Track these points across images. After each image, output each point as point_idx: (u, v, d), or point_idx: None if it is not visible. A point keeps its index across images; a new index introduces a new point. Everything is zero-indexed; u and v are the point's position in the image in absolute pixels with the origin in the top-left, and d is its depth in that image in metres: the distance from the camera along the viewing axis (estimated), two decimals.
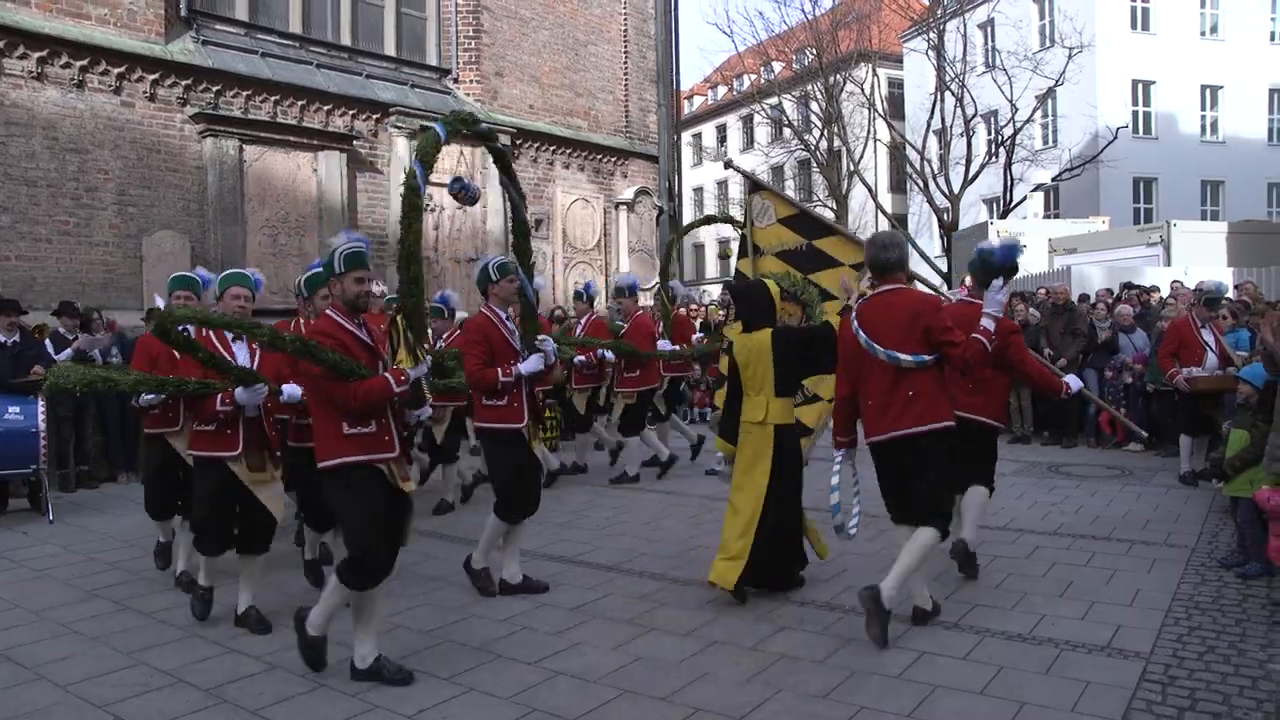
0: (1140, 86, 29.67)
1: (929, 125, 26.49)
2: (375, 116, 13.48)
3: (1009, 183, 25.65)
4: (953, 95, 25.89)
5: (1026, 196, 25.86)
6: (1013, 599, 5.20)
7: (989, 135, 28.08)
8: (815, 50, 28.23)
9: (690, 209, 43.18)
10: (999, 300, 4.78)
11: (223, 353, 4.93)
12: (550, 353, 5.63)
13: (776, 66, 32.52)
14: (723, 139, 45.99)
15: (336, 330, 4.24)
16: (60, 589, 5.91)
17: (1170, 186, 29.36)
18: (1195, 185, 30.04)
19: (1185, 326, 8.47)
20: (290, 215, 12.46)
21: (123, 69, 10.97)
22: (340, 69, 13.49)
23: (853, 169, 28.18)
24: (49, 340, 8.81)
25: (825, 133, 28.75)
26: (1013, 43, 26.80)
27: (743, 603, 5.19)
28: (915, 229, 31.29)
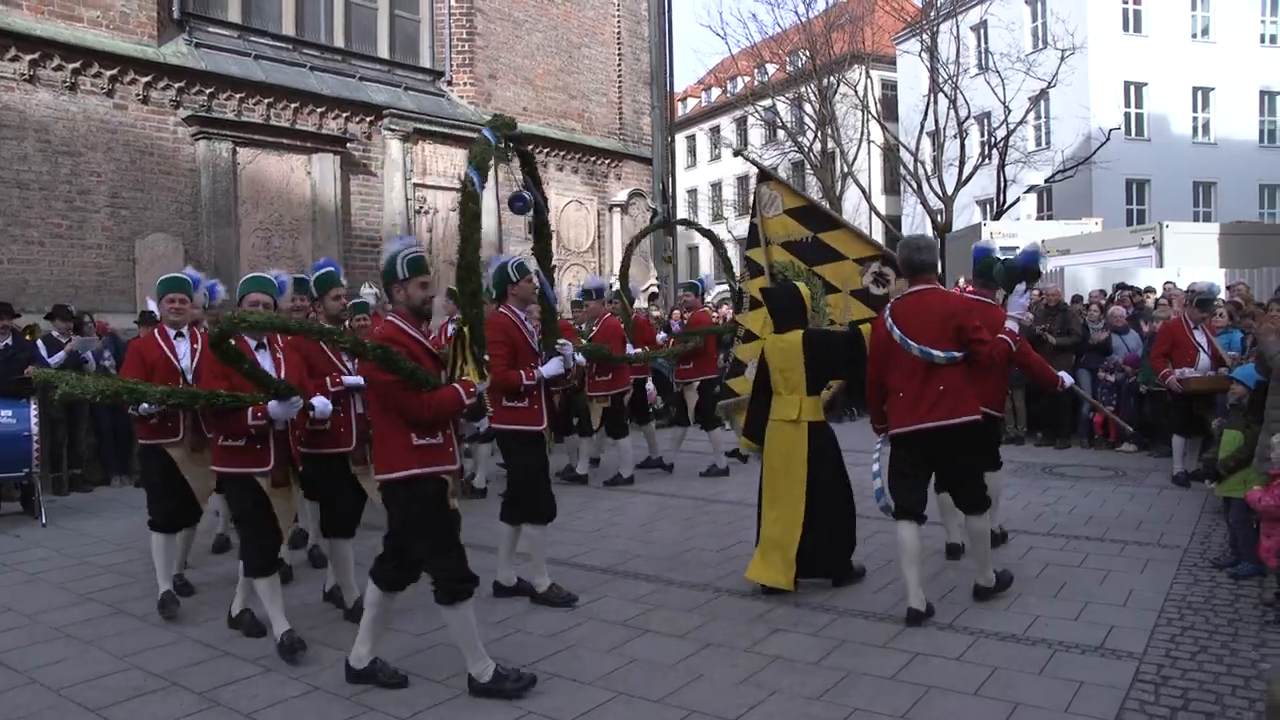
0: (1132, 88, 29.78)
1: (922, 127, 26.55)
2: (369, 119, 13.47)
3: (1002, 184, 25.71)
4: (946, 97, 25.95)
5: (1020, 198, 25.93)
6: (1006, 600, 5.20)
7: (982, 137, 28.15)
8: (809, 52, 28.27)
9: (684, 211, 43.24)
10: (1022, 304, 5.22)
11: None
12: (569, 356, 5.58)
13: (770, 68, 32.56)
14: (717, 141, 46.02)
15: (404, 337, 4.08)
16: (53, 592, 5.89)
17: (1162, 188, 29.48)
18: (1187, 187, 30.16)
19: (1178, 327, 8.48)
20: (284, 218, 12.44)
21: (115, 71, 10.94)
22: (334, 71, 13.47)
23: (846, 171, 28.23)
24: (41, 342, 8.78)
25: (819, 134, 28.79)
26: (1005, 44, 26.86)
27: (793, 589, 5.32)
28: (909, 230, 31.20)
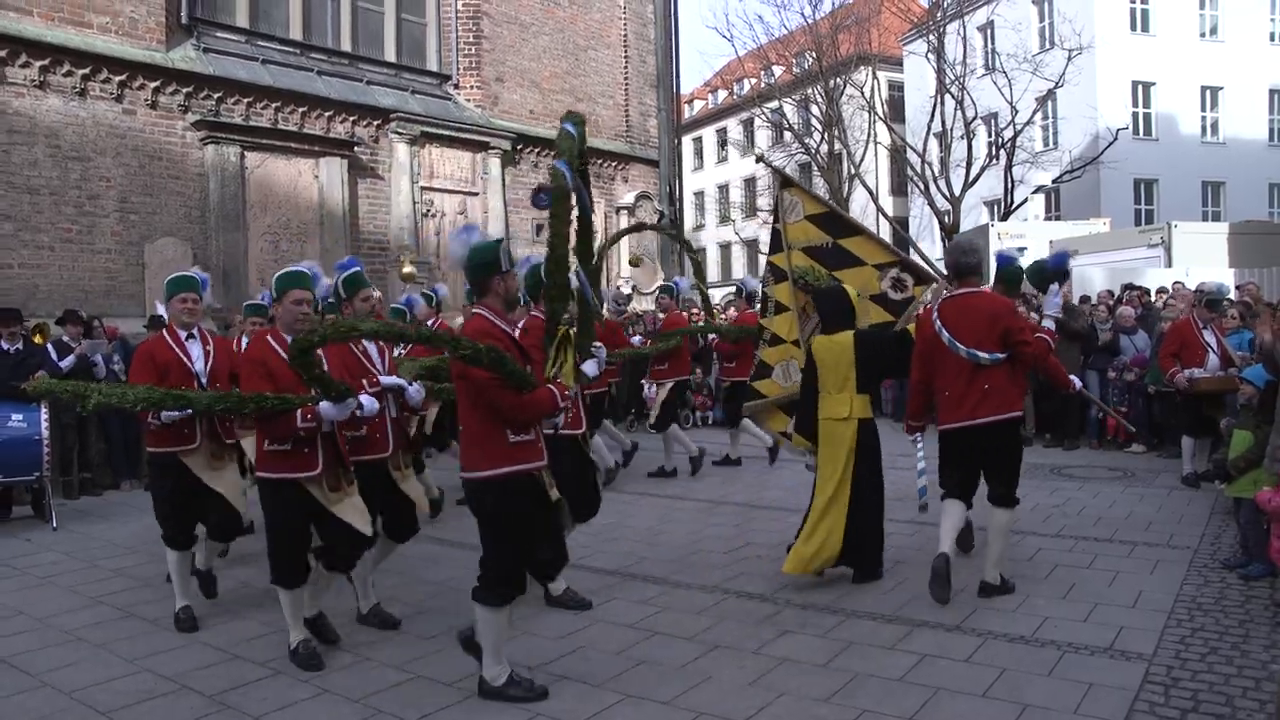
0: (1140, 88, 29.67)
1: (929, 128, 26.48)
2: (376, 122, 13.51)
3: (1010, 185, 25.64)
4: (953, 98, 25.88)
5: (1027, 198, 25.86)
6: (1015, 601, 5.19)
7: (989, 137, 28.08)
8: (815, 54, 28.25)
9: (691, 213, 43.29)
10: (1056, 303, 5.57)
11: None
12: (602, 359, 5.58)
13: (776, 70, 32.56)
14: (723, 143, 46.04)
15: (497, 330, 4.02)
16: (64, 596, 5.92)
17: (1171, 188, 29.35)
18: (1196, 186, 30.02)
19: (1186, 327, 8.46)
20: (292, 222, 12.49)
21: (124, 77, 11.01)
22: (341, 75, 13.53)
23: (853, 172, 28.18)
24: (51, 346, 8.81)
25: (825, 136, 28.77)
26: (1012, 45, 26.79)
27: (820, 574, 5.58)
28: (916, 232, 31.29)
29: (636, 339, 10.26)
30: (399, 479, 5.15)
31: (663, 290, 10.73)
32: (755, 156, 7.53)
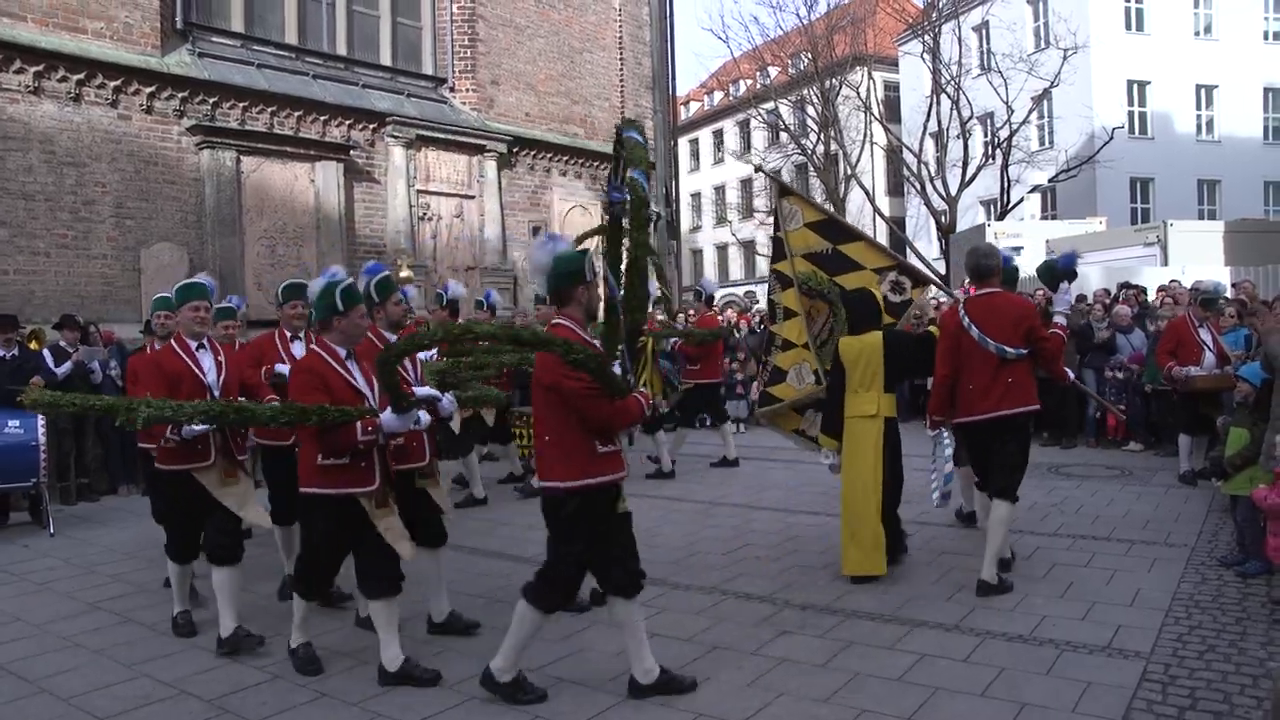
0: (1135, 87, 29.73)
1: (925, 128, 26.54)
2: (372, 126, 13.51)
3: (1006, 184, 25.68)
4: (948, 98, 25.93)
5: (1023, 198, 25.89)
6: (1013, 600, 5.20)
7: (985, 137, 28.13)
8: (811, 54, 28.29)
9: (688, 215, 43.31)
10: (1067, 300, 5.89)
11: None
12: (627, 367, 5.54)
13: (772, 71, 32.60)
14: (719, 144, 46.08)
15: (584, 342, 3.92)
16: (61, 602, 5.92)
17: (1167, 186, 29.41)
18: (1192, 185, 30.08)
19: (1183, 326, 8.48)
20: (288, 226, 12.49)
21: (119, 82, 11.00)
22: (336, 79, 13.53)
23: (850, 173, 28.22)
24: (48, 352, 8.81)
25: (822, 137, 28.80)
26: (1007, 45, 26.85)
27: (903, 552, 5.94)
28: (913, 232, 31.32)
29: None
30: (430, 486, 5.03)
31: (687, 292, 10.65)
32: (754, 166, 7.61)
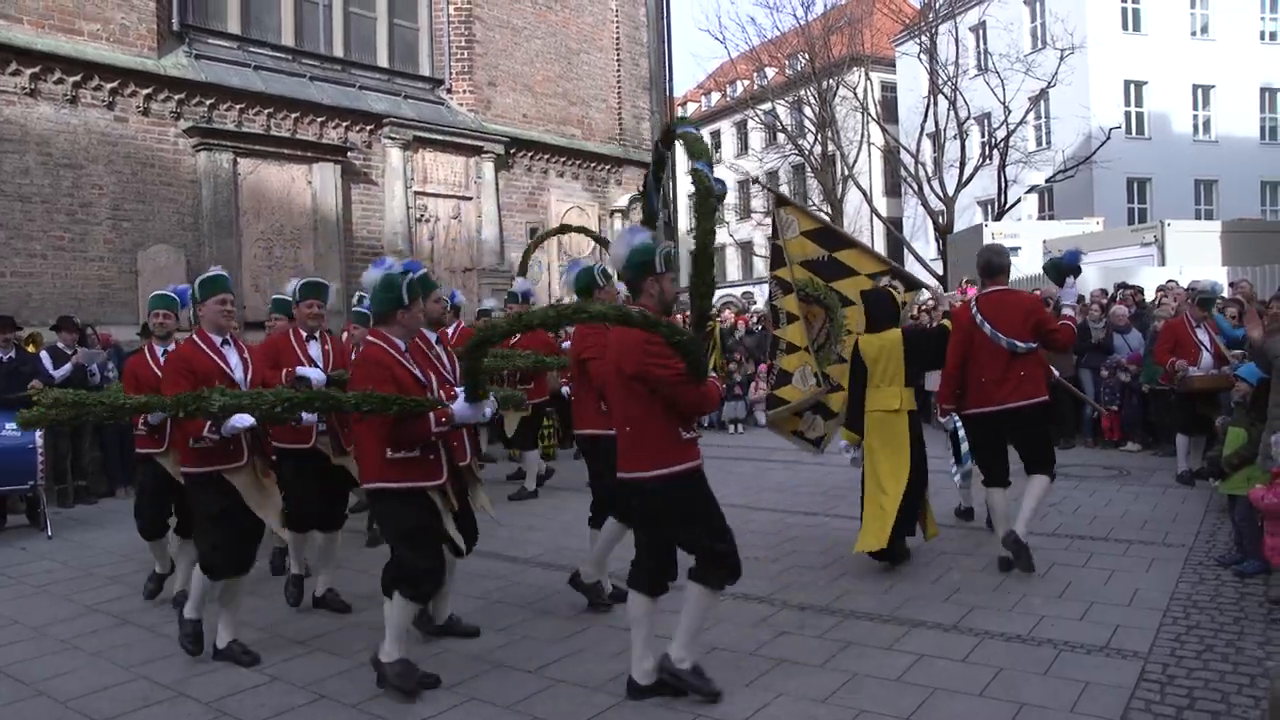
0: (1132, 87, 29.77)
1: (922, 128, 26.55)
2: (369, 128, 13.50)
3: (1003, 185, 25.69)
4: (946, 98, 25.95)
5: (1021, 198, 25.90)
6: (1011, 600, 5.21)
7: (982, 138, 28.13)
8: (808, 55, 28.30)
9: (686, 216, 43.26)
10: (1074, 293, 6.13)
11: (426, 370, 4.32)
12: None
13: (769, 72, 32.61)
14: (717, 145, 46.07)
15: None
16: (59, 604, 5.91)
17: (1164, 186, 29.45)
18: (1189, 185, 30.13)
19: (1180, 326, 8.49)
20: (285, 228, 12.48)
21: (116, 84, 10.99)
22: (333, 81, 13.52)
23: (847, 173, 28.23)
24: (46, 354, 8.80)
25: (819, 137, 28.80)
26: (1004, 45, 26.85)
27: (905, 558, 5.97)
28: (910, 232, 31.31)
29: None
30: (469, 485, 4.90)
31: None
32: (753, 179, 7.74)
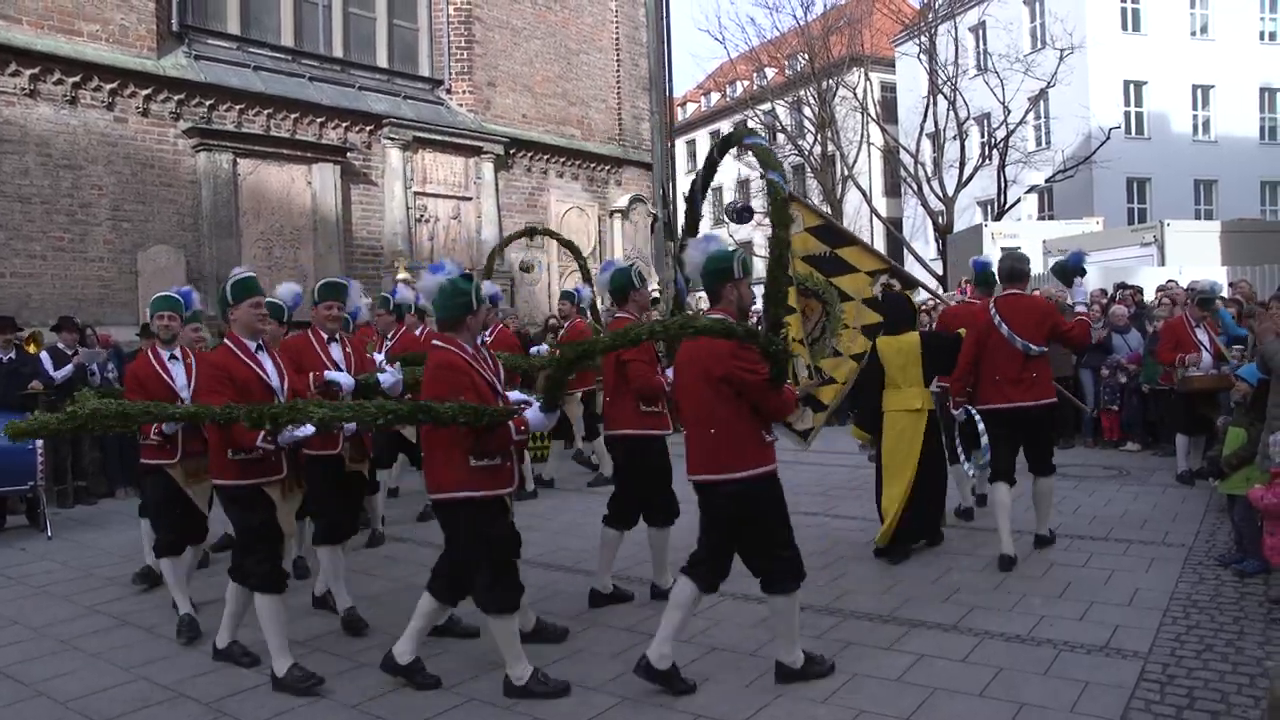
0: (1132, 87, 29.77)
1: (922, 129, 26.56)
2: (369, 128, 13.50)
3: (1003, 185, 25.69)
4: (945, 98, 25.94)
5: (1020, 198, 25.90)
6: (1011, 600, 5.21)
7: (982, 138, 28.13)
8: (807, 55, 28.31)
9: (686, 215, 43.23)
10: (1083, 293, 6.46)
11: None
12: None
13: (769, 72, 32.60)
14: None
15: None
16: (59, 605, 5.91)
17: (1163, 186, 29.45)
18: (1188, 185, 30.12)
19: (1180, 326, 8.49)
20: (285, 228, 12.48)
21: (115, 84, 10.99)
22: (333, 81, 13.52)
23: (847, 173, 28.22)
24: (46, 354, 8.80)
25: (819, 138, 28.80)
26: (1004, 45, 26.84)
27: (904, 558, 6.15)
28: (910, 232, 31.31)
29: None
30: None
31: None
32: (761, 174, 7.77)
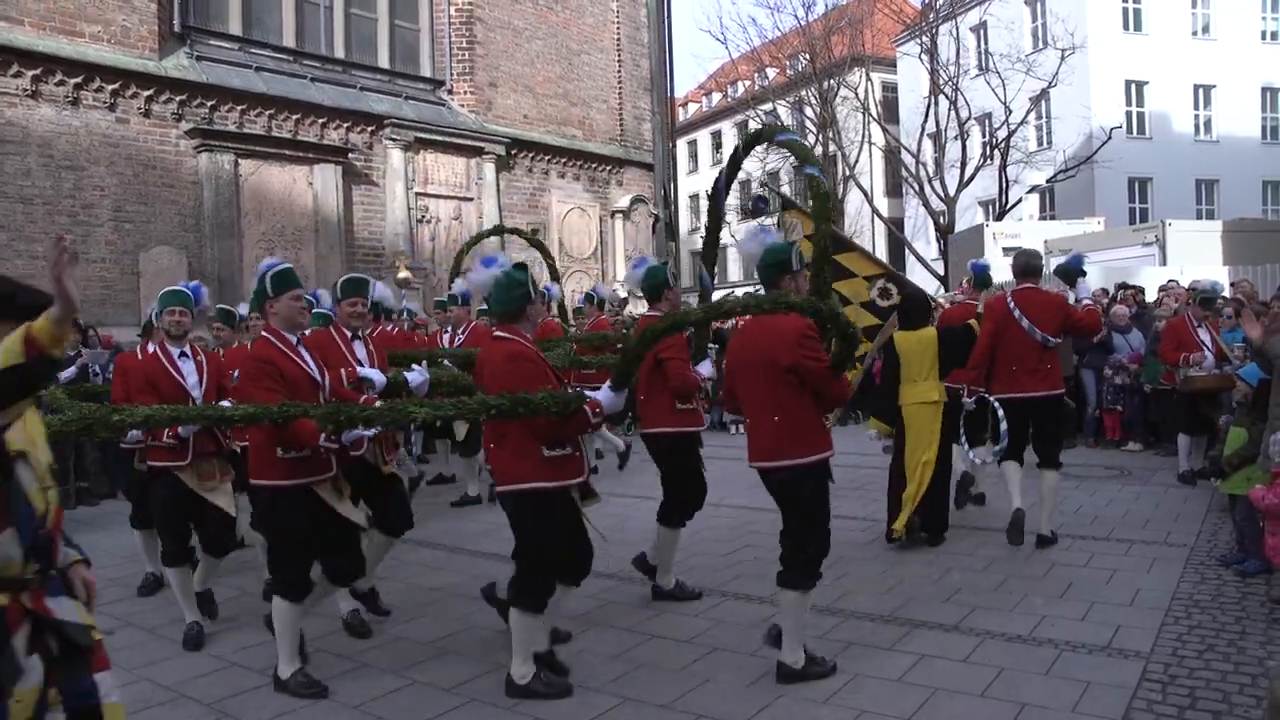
0: (1133, 87, 29.74)
1: (923, 129, 26.55)
2: (370, 129, 13.52)
3: (1004, 185, 25.69)
4: (946, 98, 25.95)
5: (1022, 198, 25.90)
6: (1013, 600, 5.20)
7: (983, 138, 28.14)
8: (809, 55, 28.31)
9: (687, 216, 43.30)
10: (1087, 289, 6.75)
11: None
12: (711, 361, 5.72)
13: (770, 72, 32.61)
14: (718, 145, 46.07)
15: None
16: None
17: (1165, 186, 29.42)
18: (1190, 184, 30.09)
19: (1182, 326, 8.49)
20: (286, 229, 12.49)
21: (117, 85, 11.01)
22: (335, 82, 13.53)
23: (848, 174, 28.22)
24: None
25: (820, 138, 28.80)
26: (1005, 45, 26.84)
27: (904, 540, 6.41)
28: (911, 233, 31.30)
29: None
30: None
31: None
32: (763, 184, 7.92)
